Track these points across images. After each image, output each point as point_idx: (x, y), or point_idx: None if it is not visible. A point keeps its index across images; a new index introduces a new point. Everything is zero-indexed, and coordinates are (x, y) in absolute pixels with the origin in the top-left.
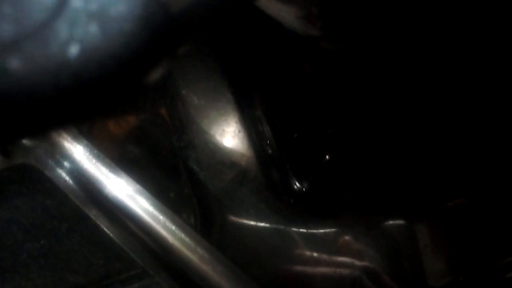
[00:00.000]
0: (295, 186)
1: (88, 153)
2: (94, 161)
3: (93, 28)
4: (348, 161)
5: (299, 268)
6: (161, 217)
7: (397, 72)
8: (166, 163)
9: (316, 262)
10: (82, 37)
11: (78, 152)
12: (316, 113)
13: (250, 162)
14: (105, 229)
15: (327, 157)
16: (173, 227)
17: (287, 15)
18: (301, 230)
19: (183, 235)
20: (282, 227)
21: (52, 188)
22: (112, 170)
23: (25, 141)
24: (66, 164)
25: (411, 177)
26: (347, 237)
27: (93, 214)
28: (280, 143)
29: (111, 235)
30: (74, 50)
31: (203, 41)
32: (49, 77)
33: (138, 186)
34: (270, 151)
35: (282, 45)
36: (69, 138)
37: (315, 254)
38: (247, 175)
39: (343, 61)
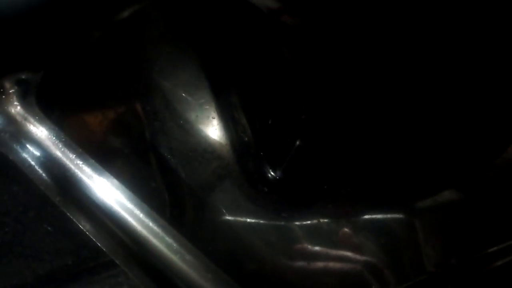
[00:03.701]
0: (269, 175)
1: (54, 138)
2: (60, 146)
3: None
4: (321, 148)
5: (298, 262)
6: (128, 205)
7: (372, 54)
8: (143, 153)
9: (316, 256)
10: None
11: (44, 136)
12: (291, 98)
13: (225, 150)
14: (71, 217)
15: (297, 143)
16: (141, 215)
17: None
18: (277, 222)
19: (151, 223)
20: (261, 219)
21: (18, 174)
22: (79, 156)
23: None
24: (31, 149)
25: (387, 167)
26: (346, 230)
27: (59, 201)
28: (254, 130)
29: (77, 223)
30: None
31: (177, 27)
32: None
33: (105, 173)
34: (246, 139)
35: (260, 31)
36: (35, 123)
37: (315, 248)
38: (221, 163)
39: (322, 44)
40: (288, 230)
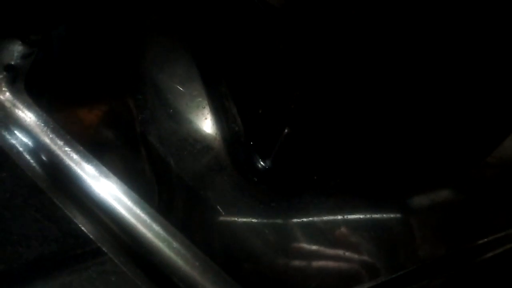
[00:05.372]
0: (259, 164)
1: (43, 125)
2: (48, 132)
3: None
4: (310, 138)
5: (295, 262)
6: (117, 192)
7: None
8: (132, 142)
9: (313, 255)
10: None
11: (33, 123)
12: (281, 88)
13: (215, 140)
14: (59, 204)
15: (286, 132)
16: (129, 203)
17: None
18: (270, 217)
19: (138, 211)
20: (251, 210)
21: (6, 160)
22: (67, 142)
23: None
24: (19, 135)
25: (378, 159)
26: (343, 229)
27: (46, 187)
28: (245, 120)
29: (65, 210)
30: None
31: (169, 17)
32: None
33: (94, 160)
34: (236, 128)
35: (251, 20)
36: (24, 109)
37: (312, 247)
38: (211, 153)
39: (311, 31)
40: (282, 227)
